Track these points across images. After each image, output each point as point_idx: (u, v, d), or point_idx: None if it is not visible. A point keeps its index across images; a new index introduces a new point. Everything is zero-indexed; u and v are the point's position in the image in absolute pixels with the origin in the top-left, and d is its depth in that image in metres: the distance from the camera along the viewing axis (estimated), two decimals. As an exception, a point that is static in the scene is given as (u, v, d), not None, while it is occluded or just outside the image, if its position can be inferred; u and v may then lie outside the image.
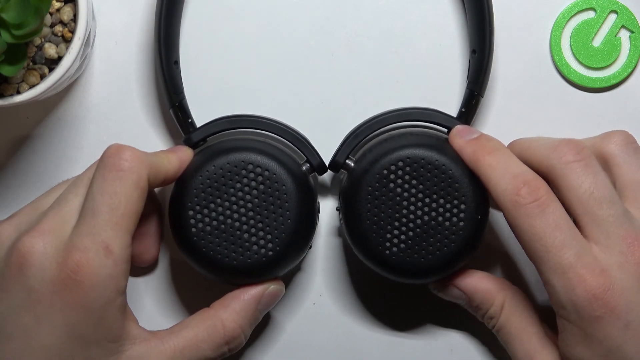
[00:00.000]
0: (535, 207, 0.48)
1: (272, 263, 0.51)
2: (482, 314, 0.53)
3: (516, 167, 0.50)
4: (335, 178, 0.58)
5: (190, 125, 0.55)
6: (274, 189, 0.51)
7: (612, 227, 0.48)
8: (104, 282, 0.47)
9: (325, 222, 0.58)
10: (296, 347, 0.58)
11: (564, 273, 0.47)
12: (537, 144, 0.51)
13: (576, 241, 0.48)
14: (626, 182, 0.51)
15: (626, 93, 0.58)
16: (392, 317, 0.58)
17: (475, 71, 0.54)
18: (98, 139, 0.58)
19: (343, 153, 0.54)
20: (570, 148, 0.49)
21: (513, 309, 0.52)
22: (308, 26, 0.57)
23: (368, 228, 0.52)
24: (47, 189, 0.58)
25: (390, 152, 0.52)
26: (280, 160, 0.52)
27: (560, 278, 0.47)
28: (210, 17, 0.58)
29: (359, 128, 0.54)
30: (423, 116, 0.54)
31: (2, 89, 0.51)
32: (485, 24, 0.54)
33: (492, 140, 0.52)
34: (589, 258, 0.47)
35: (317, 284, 0.58)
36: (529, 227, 0.48)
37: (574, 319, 0.47)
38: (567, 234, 0.47)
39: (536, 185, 0.48)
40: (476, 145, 0.51)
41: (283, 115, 0.57)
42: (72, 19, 0.52)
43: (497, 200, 0.49)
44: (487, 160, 0.50)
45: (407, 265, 0.52)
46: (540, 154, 0.50)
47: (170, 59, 0.54)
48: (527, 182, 0.48)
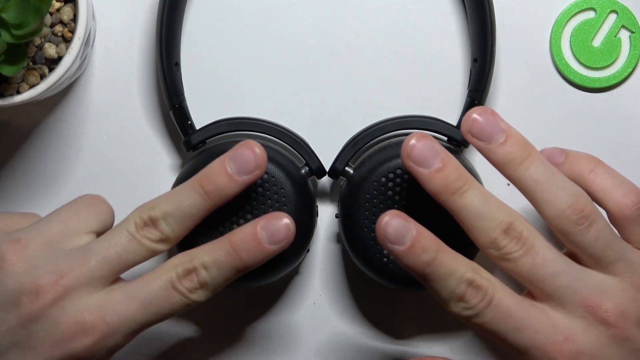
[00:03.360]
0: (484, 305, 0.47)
1: (269, 265, 0.51)
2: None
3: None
4: (334, 185, 0.58)
5: (189, 127, 0.55)
6: (272, 191, 0.51)
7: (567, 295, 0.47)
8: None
9: (325, 229, 0.58)
10: (292, 351, 0.58)
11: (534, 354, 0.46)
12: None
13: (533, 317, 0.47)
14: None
15: (626, 93, 0.58)
16: (389, 324, 0.58)
17: (477, 80, 0.54)
18: (98, 139, 0.58)
19: (342, 160, 0.54)
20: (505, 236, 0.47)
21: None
22: (308, 26, 0.57)
23: (366, 235, 0.52)
24: (47, 188, 0.58)
25: (389, 159, 0.52)
26: (279, 163, 0.52)
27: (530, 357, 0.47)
28: (210, 18, 0.58)
29: (358, 135, 0.54)
30: (423, 124, 0.54)
31: (2, 89, 0.51)
32: (487, 34, 0.54)
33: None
34: (549, 330, 0.46)
35: (316, 287, 0.58)
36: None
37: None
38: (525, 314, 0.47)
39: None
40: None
41: (283, 115, 0.57)
42: (72, 19, 0.52)
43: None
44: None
45: (404, 273, 0.51)
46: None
47: (171, 61, 0.54)
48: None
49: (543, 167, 0.48)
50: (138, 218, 0.48)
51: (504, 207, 0.47)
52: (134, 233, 0.48)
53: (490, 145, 0.48)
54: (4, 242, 0.48)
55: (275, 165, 0.52)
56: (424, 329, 0.58)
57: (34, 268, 0.47)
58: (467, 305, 0.46)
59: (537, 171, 0.47)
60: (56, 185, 0.58)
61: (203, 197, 0.48)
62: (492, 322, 0.46)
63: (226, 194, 0.48)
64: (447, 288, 0.47)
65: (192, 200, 0.48)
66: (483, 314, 0.46)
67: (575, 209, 0.47)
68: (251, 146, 0.48)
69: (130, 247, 0.48)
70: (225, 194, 0.48)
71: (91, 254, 0.48)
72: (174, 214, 0.48)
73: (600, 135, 0.58)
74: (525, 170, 0.47)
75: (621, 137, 0.58)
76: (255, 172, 0.48)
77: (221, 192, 0.48)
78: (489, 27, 0.54)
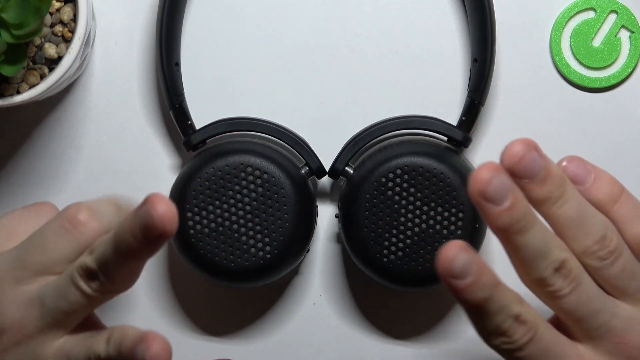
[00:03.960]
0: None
1: (270, 265, 0.52)
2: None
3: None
4: (335, 185, 0.58)
5: (189, 127, 0.55)
6: (272, 191, 0.51)
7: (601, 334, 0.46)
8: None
9: (325, 229, 0.58)
10: (292, 352, 0.58)
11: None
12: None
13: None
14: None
15: (626, 93, 0.58)
16: (389, 323, 0.58)
17: (477, 80, 0.54)
18: (98, 139, 0.58)
19: (342, 160, 0.54)
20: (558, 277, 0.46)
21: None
22: (308, 26, 0.57)
23: (366, 235, 0.52)
24: (47, 189, 0.58)
25: (389, 159, 0.52)
26: (279, 163, 0.52)
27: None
28: (210, 18, 0.58)
29: (358, 135, 0.54)
30: (423, 124, 0.54)
31: (2, 89, 0.52)
32: (487, 34, 0.54)
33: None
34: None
35: (316, 287, 0.58)
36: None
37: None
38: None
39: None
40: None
41: (283, 115, 0.57)
42: (72, 19, 0.52)
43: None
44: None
45: (405, 273, 0.52)
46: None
47: (171, 61, 0.54)
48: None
49: (577, 205, 0.46)
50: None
51: (559, 243, 0.46)
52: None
53: (530, 184, 0.45)
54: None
55: (275, 165, 0.52)
56: (424, 329, 0.58)
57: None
58: (509, 340, 0.45)
59: (571, 209, 0.46)
60: (56, 185, 0.58)
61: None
62: (529, 358, 0.45)
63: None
64: (493, 323, 0.45)
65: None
66: (523, 349, 0.45)
67: (602, 245, 0.46)
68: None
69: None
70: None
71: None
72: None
73: (600, 135, 0.58)
74: (559, 208, 0.46)
75: (621, 137, 0.58)
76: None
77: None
78: (489, 27, 0.54)
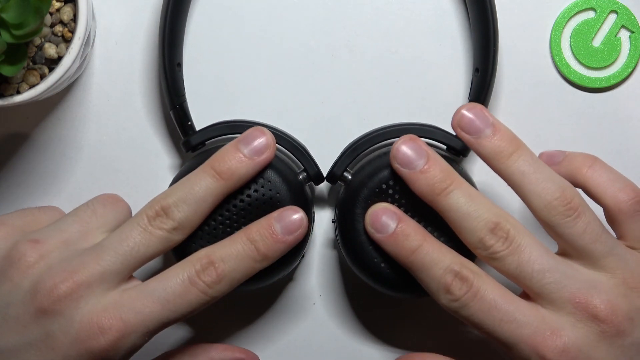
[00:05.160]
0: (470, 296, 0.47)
1: (264, 269, 0.51)
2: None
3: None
4: (332, 190, 0.58)
5: (189, 128, 0.55)
6: (268, 196, 0.51)
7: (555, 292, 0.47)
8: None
9: (321, 234, 0.58)
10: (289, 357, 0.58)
11: (517, 344, 0.46)
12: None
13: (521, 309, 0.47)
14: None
15: (626, 93, 0.58)
16: (386, 330, 0.58)
17: (478, 91, 0.54)
18: (98, 139, 0.58)
19: (341, 165, 0.54)
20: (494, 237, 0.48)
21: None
22: (308, 27, 0.57)
23: (363, 241, 0.52)
24: (47, 189, 0.58)
25: (388, 166, 0.52)
26: (276, 168, 0.52)
27: (516, 350, 0.47)
28: (211, 19, 0.58)
29: (357, 141, 0.54)
30: (422, 132, 0.54)
31: (2, 89, 0.51)
32: (490, 44, 0.53)
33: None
34: (536, 324, 0.46)
35: (312, 294, 0.58)
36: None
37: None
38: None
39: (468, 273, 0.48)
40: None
41: (283, 115, 0.57)
42: (72, 19, 0.52)
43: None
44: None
45: (401, 279, 0.51)
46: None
47: (174, 62, 0.54)
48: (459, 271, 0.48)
49: (530, 160, 0.48)
50: (150, 210, 0.48)
51: (491, 207, 0.48)
52: (146, 225, 0.48)
53: (479, 139, 0.49)
54: (22, 242, 0.48)
55: (272, 169, 0.51)
56: (421, 334, 0.58)
57: (49, 267, 0.47)
58: (453, 297, 0.47)
59: (525, 164, 0.48)
60: (56, 185, 0.58)
61: (215, 178, 0.49)
62: (478, 314, 0.47)
63: (238, 174, 0.49)
64: (434, 278, 0.48)
65: (203, 183, 0.48)
66: (469, 306, 0.47)
67: (562, 200, 0.47)
68: (261, 129, 0.50)
69: (143, 240, 0.48)
70: (237, 175, 0.49)
71: (104, 250, 0.48)
72: (186, 199, 0.48)
73: (600, 135, 0.58)
74: (513, 163, 0.48)
75: (621, 137, 0.58)
76: (265, 152, 0.49)
77: (233, 173, 0.49)
78: (492, 38, 0.53)
